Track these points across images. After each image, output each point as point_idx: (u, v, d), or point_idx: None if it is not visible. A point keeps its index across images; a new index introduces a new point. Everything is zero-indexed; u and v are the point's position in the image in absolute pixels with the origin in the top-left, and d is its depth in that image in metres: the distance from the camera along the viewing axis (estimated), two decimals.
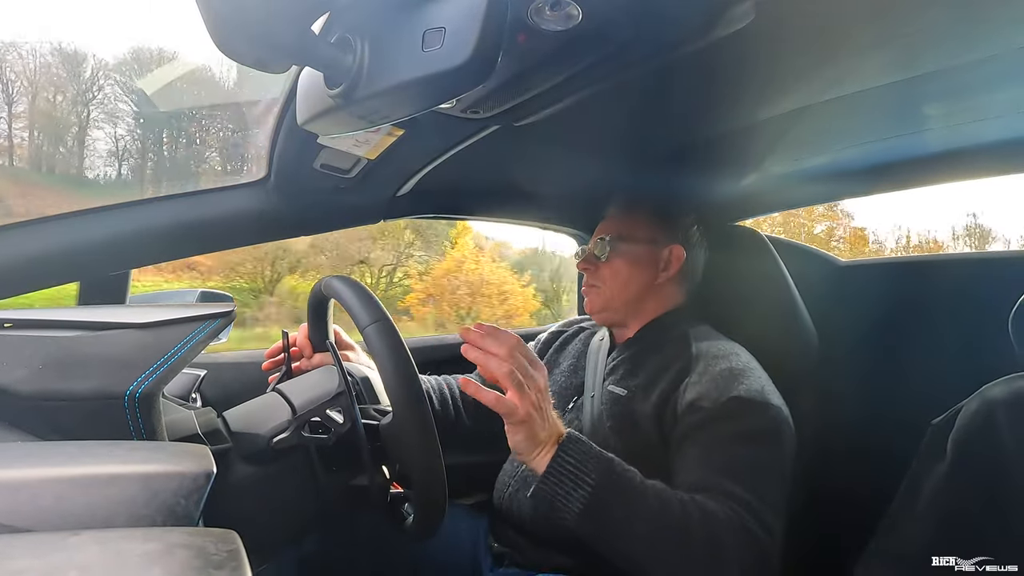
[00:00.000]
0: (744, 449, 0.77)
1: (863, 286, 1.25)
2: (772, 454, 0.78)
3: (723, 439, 0.78)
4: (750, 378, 0.83)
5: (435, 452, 0.67)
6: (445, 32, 0.42)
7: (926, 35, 0.62)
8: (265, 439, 0.72)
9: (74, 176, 6.88)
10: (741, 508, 0.71)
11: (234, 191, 0.97)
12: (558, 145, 0.98)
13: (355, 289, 0.74)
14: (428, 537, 0.72)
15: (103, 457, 0.38)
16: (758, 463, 0.76)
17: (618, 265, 0.99)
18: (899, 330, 1.15)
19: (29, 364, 0.50)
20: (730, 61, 0.67)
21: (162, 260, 0.95)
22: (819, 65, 0.70)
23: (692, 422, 0.80)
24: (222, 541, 0.29)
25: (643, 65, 0.63)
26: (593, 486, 0.68)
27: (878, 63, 0.69)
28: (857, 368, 1.15)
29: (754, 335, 0.96)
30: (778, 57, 0.67)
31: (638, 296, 0.99)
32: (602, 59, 0.61)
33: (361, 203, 1.08)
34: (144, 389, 0.52)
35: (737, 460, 0.76)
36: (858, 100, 0.77)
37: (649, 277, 0.99)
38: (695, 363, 0.87)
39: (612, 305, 0.99)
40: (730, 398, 0.80)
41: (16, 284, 0.81)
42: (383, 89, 0.45)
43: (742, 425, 0.78)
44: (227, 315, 0.63)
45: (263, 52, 0.42)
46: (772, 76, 0.73)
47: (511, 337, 0.70)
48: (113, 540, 0.28)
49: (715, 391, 0.81)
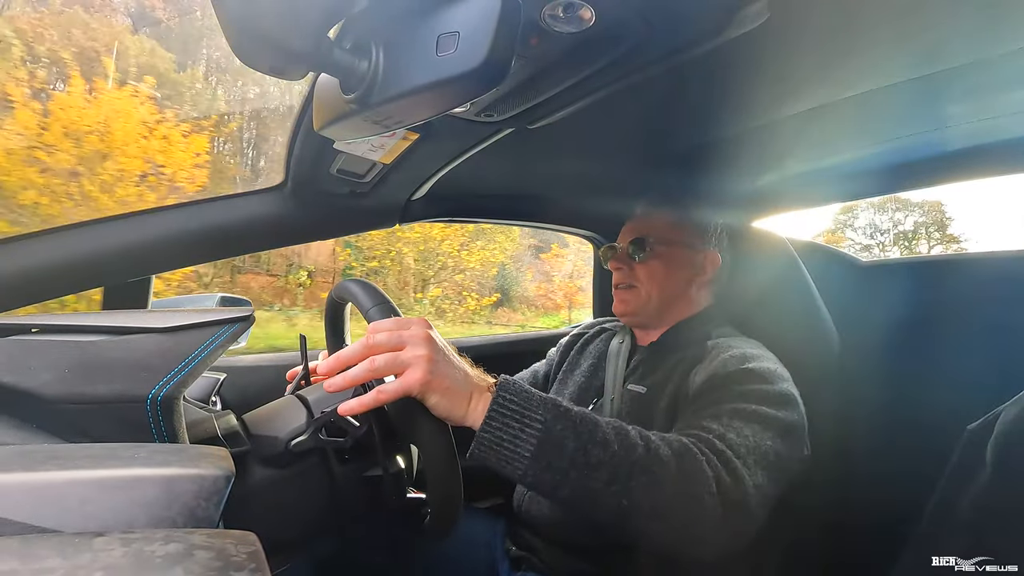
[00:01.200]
0: (739, 404, 0.73)
1: (886, 286, 1.23)
2: (770, 418, 0.73)
3: (721, 398, 0.75)
4: (764, 360, 0.82)
5: (443, 425, 0.66)
6: (459, 36, 0.42)
7: (946, 30, 0.61)
8: (283, 442, 0.72)
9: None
10: (715, 440, 0.67)
11: (253, 196, 0.98)
12: (572, 147, 0.98)
13: (359, 283, 0.77)
14: (445, 536, 0.72)
15: (126, 459, 0.38)
16: (750, 416, 0.72)
17: (655, 266, 0.98)
18: (924, 331, 1.12)
19: (55, 368, 0.52)
20: (745, 60, 0.66)
21: (182, 266, 0.97)
22: (836, 63, 0.69)
23: (701, 389, 0.79)
24: (242, 543, 0.30)
25: (657, 66, 0.63)
26: (542, 421, 0.60)
27: (897, 60, 0.68)
28: (880, 370, 1.13)
29: (773, 336, 0.95)
30: (793, 55, 0.67)
31: (671, 299, 0.98)
32: (616, 60, 0.61)
33: (376, 207, 1.10)
34: (165, 392, 0.53)
35: (725, 408, 0.73)
36: (877, 97, 0.76)
37: (685, 280, 0.99)
38: (707, 353, 0.86)
39: (648, 307, 0.98)
40: (738, 369, 0.79)
41: (43, 290, 0.83)
42: (398, 94, 0.45)
43: (744, 388, 0.76)
44: (246, 319, 0.64)
45: (280, 59, 0.42)
46: (788, 74, 0.72)
47: (349, 348, 0.63)
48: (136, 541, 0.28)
49: (722, 368, 0.80)
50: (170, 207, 0.93)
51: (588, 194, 1.29)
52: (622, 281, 1.01)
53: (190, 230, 0.93)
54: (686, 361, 0.88)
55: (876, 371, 1.13)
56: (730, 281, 1.05)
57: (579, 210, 1.44)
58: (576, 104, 0.71)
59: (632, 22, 0.54)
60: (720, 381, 0.78)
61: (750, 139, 0.94)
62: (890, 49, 0.66)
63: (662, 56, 0.61)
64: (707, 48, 0.59)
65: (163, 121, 6.77)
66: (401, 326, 0.63)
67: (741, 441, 0.68)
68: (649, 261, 0.98)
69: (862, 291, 1.22)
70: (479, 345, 1.48)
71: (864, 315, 1.16)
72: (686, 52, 0.60)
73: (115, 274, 0.90)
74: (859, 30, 0.61)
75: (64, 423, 0.50)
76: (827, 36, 0.62)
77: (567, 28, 0.52)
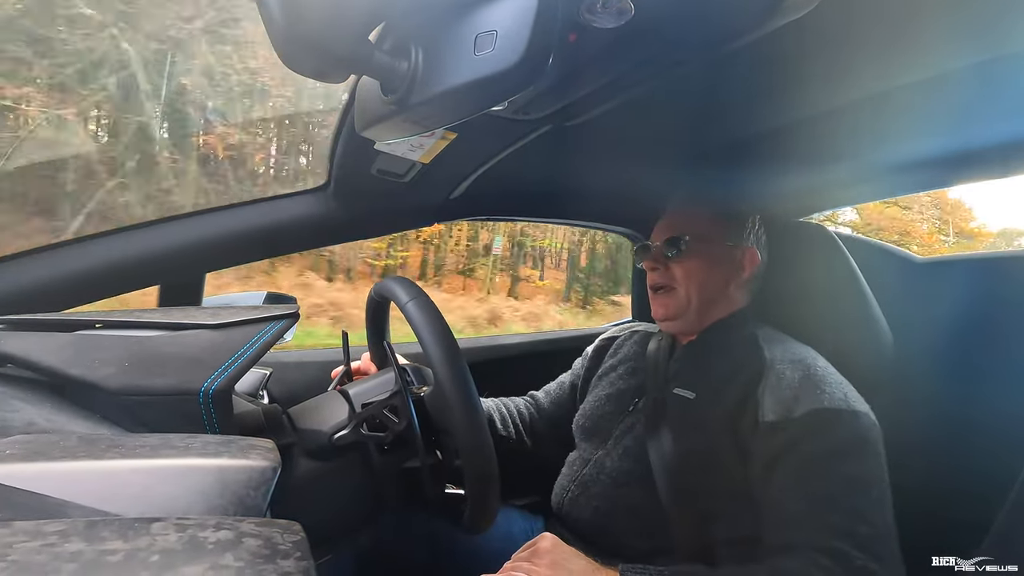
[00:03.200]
0: (837, 467, 0.72)
1: (944, 285, 1.16)
2: (868, 467, 0.73)
3: (812, 460, 0.73)
4: (831, 386, 0.78)
5: (476, 409, 0.68)
6: (496, 35, 0.42)
7: (1008, 10, 0.57)
8: (326, 435, 0.74)
9: None
10: (844, 546, 0.66)
11: (298, 197, 1.02)
12: (611, 144, 0.97)
13: (396, 280, 0.79)
14: (482, 531, 0.73)
15: (181, 449, 0.40)
16: (855, 481, 0.71)
17: (693, 265, 0.94)
18: (987, 332, 1.06)
19: (117, 362, 0.55)
20: (791, 50, 0.63)
21: (231, 264, 1.00)
22: (889, 50, 0.65)
23: (776, 444, 0.75)
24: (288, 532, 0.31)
25: (699, 59, 0.61)
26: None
27: (955, 44, 0.64)
28: (939, 375, 1.07)
29: (823, 336, 0.91)
30: (844, 43, 0.63)
31: (710, 299, 0.95)
32: (656, 55, 0.60)
33: (416, 206, 1.11)
34: (217, 386, 0.56)
35: (831, 483, 0.71)
36: (933, 85, 0.72)
37: (724, 279, 0.95)
38: (769, 368, 0.83)
39: (689, 310, 0.94)
40: (812, 411, 0.75)
41: (105, 288, 0.88)
42: (437, 94, 0.46)
43: (830, 441, 0.73)
44: (291, 316, 0.66)
45: (323, 63, 0.43)
46: (838, 63, 0.69)
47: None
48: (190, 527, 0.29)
49: (795, 404, 0.77)
50: (220, 208, 0.97)
51: (626, 191, 1.27)
52: (658, 282, 0.97)
53: (238, 230, 0.97)
54: (744, 373, 0.84)
55: (934, 375, 1.07)
56: (771, 279, 1.01)
57: (617, 207, 1.42)
58: (614, 100, 0.70)
59: (672, 14, 0.53)
60: (802, 429, 0.75)
61: (797, 132, 0.91)
62: (948, 33, 0.61)
63: (704, 48, 0.59)
64: (750, 39, 0.57)
65: None
66: (530, 555, 0.73)
67: (868, 531, 0.67)
68: (685, 259, 0.95)
69: (919, 290, 1.16)
70: (518, 343, 1.48)
71: (921, 315, 1.10)
72: (728, 44, 0.58)
73: (170, 273, 0.95)
74: (915, 13, 0.57)
75: (124, 413, 0.53)
76: (880, 21, 0.59)
77: (605, 23, 0.52)
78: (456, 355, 0.68)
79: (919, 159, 1.04)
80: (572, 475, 0.96)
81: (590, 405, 1.03)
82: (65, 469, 0.35)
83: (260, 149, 8.20)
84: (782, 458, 0.74)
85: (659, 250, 0.98)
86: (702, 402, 0.86)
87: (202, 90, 6.41)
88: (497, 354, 1.42)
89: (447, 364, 0.68)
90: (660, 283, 0.97)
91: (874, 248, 1.25)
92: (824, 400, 0.76)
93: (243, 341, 0.60)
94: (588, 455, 0.96)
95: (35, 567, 0.24)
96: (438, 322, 0.70)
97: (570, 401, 1.14)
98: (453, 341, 0.70)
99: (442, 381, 0.68)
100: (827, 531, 0.67)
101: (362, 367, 0.98)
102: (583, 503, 0.90)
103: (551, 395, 1.17)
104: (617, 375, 1.05)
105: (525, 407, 1.15)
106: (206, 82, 6.34)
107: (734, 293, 0.97)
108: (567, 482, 0.97)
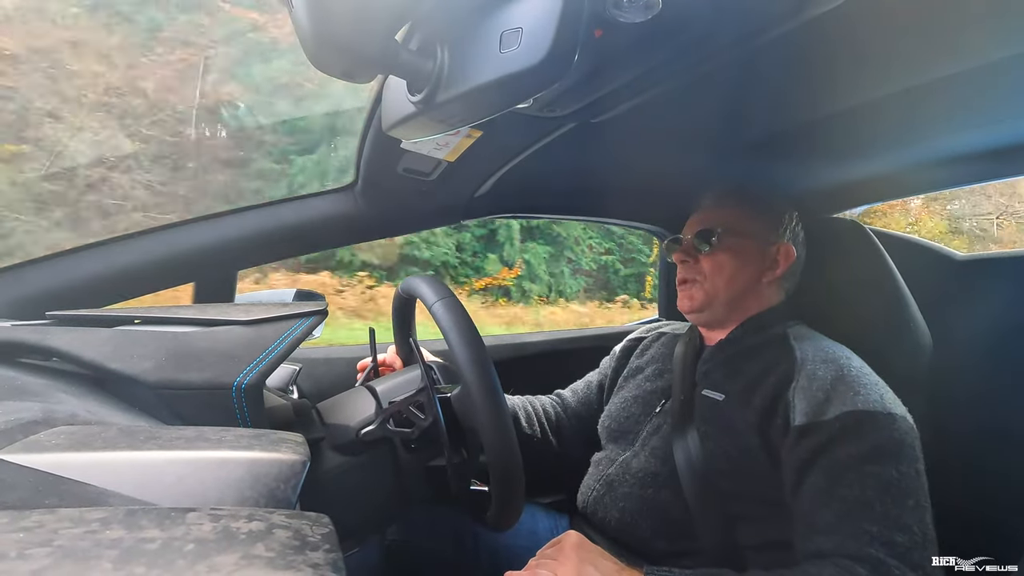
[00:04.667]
0: (872, 472, 0.69)
1: (986, 283, 1.12)
2: (905, 472, 0.70)
3: (845, 464, 0.71)
4: (865, 387, 0.76)
5: (503, 412, 0.68)
6: (522, 32, 0.42)
7: None
8: (354, 431, 0.76)
9: None
10: (880, 555, 0.64)
11: (326, 196, 1.03)
12: (638, 140, 0.96)
13: (424, 278, 0.79)
14: (507, 528, 0.73)
15: (215, 442, 0.41)
16: (891, 487, 0.68)
17: (723, 259, 0.93)
18: None
19: (154, 356, 0.57)
20: (824, 41, 0.62)
21: (262, 262, 1.03)
22: (927, 40, 0.62)
23: (808, 447, 0.73)
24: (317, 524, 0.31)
25: (728, 53, 0.60)
26: None
27: (998, 34, 0.61)
28: (978, 376, 1.03)
29: (857, 335, 0.89)
30: (878, 34, 0.61)
31: (741, 294, 0.93)
32: (683, 49, 0.58)
33: (441, 204, 1.12)
34: (249, 381, 0.57)
35: (866, 488, 0.68)
36: (975, 77, 0.69)
37: (755, 274, 0.93)
38: (800, 368, 0.80)
39: (715, 303, 0.93)
40: (845, 413, 0.73)
41: (144, 285, 0.91)
42: (462, 92, 0.46)
43: (865, 444, 0.71)
44: (320, 313, 0.67)
45: (351, 63, 0.44)
46: (873, 55, 0.66)
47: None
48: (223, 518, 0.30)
49: (827, 405, 0.74)
50: (250, 207, 1.00)
51: (653, 188, 1.26)
52: (687, 275, 0.96)
53: (268, 229, 0.99)
54: (774, 374, 0.82)
55: (973, 377, 1.03)
56: (805, 275, 0.99)
57: (644, 204, 1.41)
58: (641, 96, 0.69)
59: (701, 7, 0.52)
60: (836, 432, 0.72)
61: (831, 126, 0.88)
62: (989, 22, 0.59)
63: (733, 42, 0.58)
64: (782, 31, 0.55)
65: None
66: (556, 552, 0.74)
67: (906, 540, 0.65)
68: (716, 254, 0.93)
69: (959, 288, 1.12)
70: (542, 342, 1.48)
71: (961, 315, 1.06)
72: (759, 37, 0.56)
73: (204, 270, 0.98)
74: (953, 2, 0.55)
75: (162, 406, 0.55)
76: (917, 10, 0.56)
77: (633, 17, 0.51)
78: (484, 358, 0.68)
79: (959, 153, 1.00)
80: (598, 475, 0.96)
81: (616, 407, 1.02)
82: (106, 459, 0.36)
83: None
84: (814, 462, 0.72)
85: (689, 243, 0.96)
86: (731, 404, 0.84)
87: None
88: (521, 352, 1.42)
89: (475, 366, 0.68)
90: (689, 276, 0.95)
91: (912, 245, 1.21)
92: (858, 402, 0.74)
93: (274, 337, 0.61)
94: (614, 456, 0.95)
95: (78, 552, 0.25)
96: (465, 323, 0.70)
97: (597, 401, 1.13)
98: (480, 343, 0.70)
99: (469, 383, 0.68)
100: (862, 539, 0.65)
101: (388, 359, 0.99)
102: (609, 502, 0.90)
103: (578, 394, 1.17)
104: (644, 377, 1.04)
105: (551, 406, 1.15)
106: None
107: (766, 289, 0.94)
108: (593, 481, 0.96)
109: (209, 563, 0.25)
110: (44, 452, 0.36)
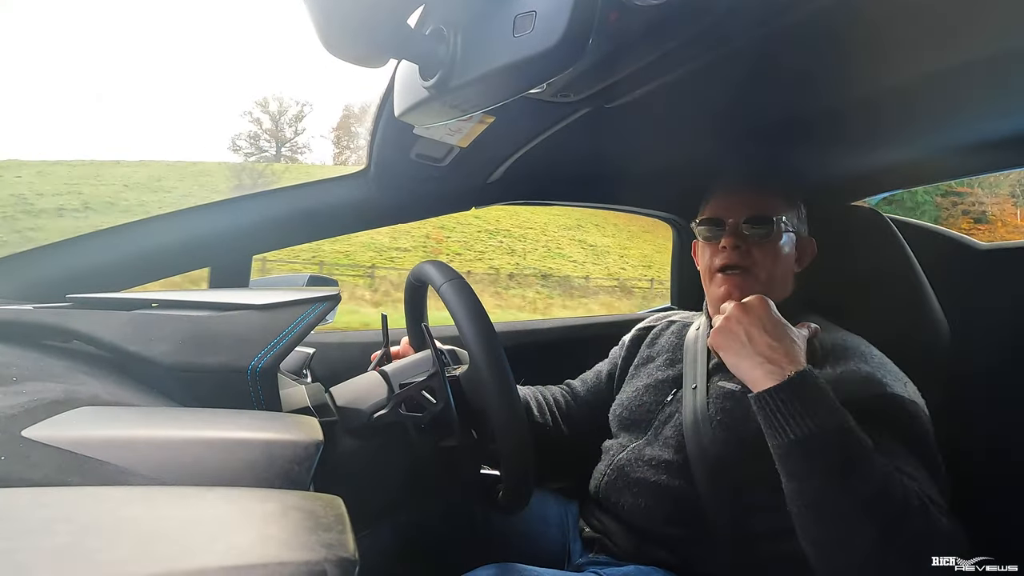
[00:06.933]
0: (901, 448, 0.70)
1: (1009, 272, 1.09)
2: (926, 461, 0.70)
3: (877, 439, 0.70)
4: (885, 376, 0.76)
5: (511, 388, 0.68)
6: (536, 16, 0.41)
7: None
8: (366, 414, 0.77)
9: None
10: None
11: (340, 181, 1.04)
12: (653, 126, 0.94)
13: (433, 263, 0.80)
14: (517, 511, 0.74)
15: (231, 424, 0.42)
16: (910, 476, 0.68)
17: (776, 250, 0.91)
18: None
19: (171, 339, 0.58)
20: (848, 23, 0.60)
21: (277, 247, 1.04)
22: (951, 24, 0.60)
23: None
24: (330, 506, 0.32)
25: (745, 36, 0.58)
26: (820, 427, 0.64)
27: None
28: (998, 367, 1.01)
29: (874, 325, 0.87)
30: (902, 17, 0.59)
31: (775, 285, 0.92)
32: (700, 33, 0.57)
33: (454, 190, 1.12)
34: (264, 364, 0.58)
35: (899, 457, 0.69)
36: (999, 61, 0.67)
37: (789, 268, 0.93)
38: (820, 358, 0.80)
39: (768, 294, 0.87)
40: (873, 396, 0.73)
41: (161, 269, 0.93)
42: (475, 77, 0.45)
43: (880, 431, 0.70)
44: (333, 298, 0.68)
45: (364, 48, 0.44)
46: (895, 39, 0.64)
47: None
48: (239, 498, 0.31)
49: (850, 393, 0.73)
50: (265, 192, 1.00)
51: (668, 175, 1.24)
52: (738, 261, 0.91)
53: (283, 214, 1.00)
54: None
55: (993, 368, 1.01)
56: (821, 265, 0.97)
57: (658, 191, 1.39)
58: (656, 81, 0.68)
59: None
60: (859, 416, 0.70)
61: (852, 112, 0.86)
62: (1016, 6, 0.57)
63: (751, 25, 0.56)
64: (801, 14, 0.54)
65: None
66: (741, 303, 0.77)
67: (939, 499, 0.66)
68: (769, 243, 0.90)
69: (980, 278, 1.09)
70: (552, 328, 1.48)
71: (981, 305, 1.04)
72: (777, 20, 0.55)
73: (219, 255, 0.99)
74: None
75: (178, 388, 0.56)
76: None
77: (648, 0, 0.50)
78: (491, 335, 0.69)
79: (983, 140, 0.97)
80: (609, 460, 0.96)
81: (628, 396, 1.02)
82: (126, 439, 0.37)
83: None
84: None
85: (738, 228, 0.92)
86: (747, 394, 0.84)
87: None
88: (531, 339, 1.42)
89: (482, 343, 0.68)
90: (737, 263, 0.91)
91: (931, 233, 1.18)
92: (874, 388, 0.73)
93: (288, 321, 0.62)
94: (627, 443, 0.95)
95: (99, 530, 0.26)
96: (473, 303, 0.71)
97: (607, 390, 1.13)
98: (488, 321, 0.70)
99: (477, 360, 0.69)
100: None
101: (401, 352, 1.00)
102: (622, 486, 0.90)
103: (587, 383, 1.17)
104: (655, 366, 1.04)
105: (561, 395, 1.15)
106: None
107: (787, 282, 0.94)
108: (604, 467, 0.96)
109: (226, 542, 0.26)
110: (66, 431, 0.36)
